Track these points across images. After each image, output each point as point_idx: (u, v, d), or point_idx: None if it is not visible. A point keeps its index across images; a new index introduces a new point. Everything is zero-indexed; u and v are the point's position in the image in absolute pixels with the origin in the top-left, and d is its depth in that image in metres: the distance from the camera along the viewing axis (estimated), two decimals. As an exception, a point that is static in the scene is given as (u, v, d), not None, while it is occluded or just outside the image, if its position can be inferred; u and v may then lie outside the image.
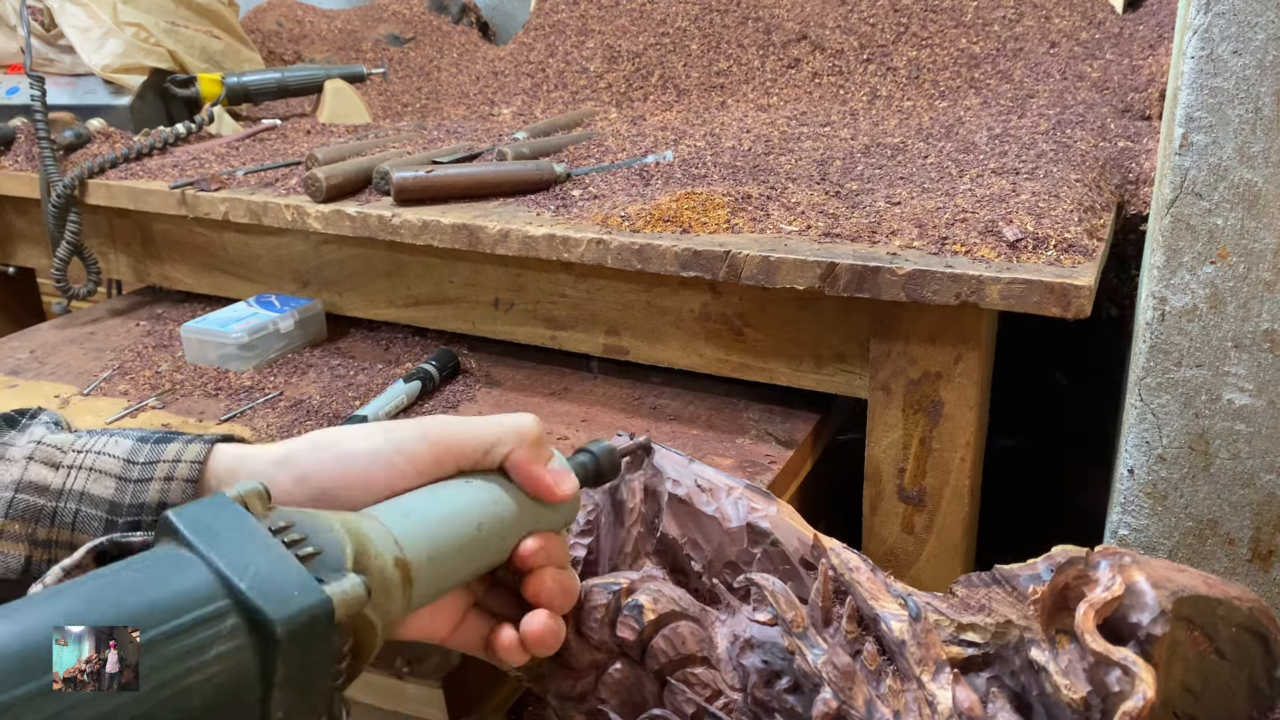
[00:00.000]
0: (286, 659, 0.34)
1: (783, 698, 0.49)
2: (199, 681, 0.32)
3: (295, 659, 0.34)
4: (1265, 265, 0.58)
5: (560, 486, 0.49)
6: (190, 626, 0.33)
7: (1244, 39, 0.54)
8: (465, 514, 0.46)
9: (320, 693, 0.36)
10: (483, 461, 0.48)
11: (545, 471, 0.49)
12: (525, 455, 0.48)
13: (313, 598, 0.35)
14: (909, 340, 0.80)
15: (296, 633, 0.34)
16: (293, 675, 0.35)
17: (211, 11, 1.55)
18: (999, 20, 1.45)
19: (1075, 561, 0.46)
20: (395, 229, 0.96)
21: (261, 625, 0.34)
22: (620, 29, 1.69)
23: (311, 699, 0.36)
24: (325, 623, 0.35)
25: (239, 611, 0.34)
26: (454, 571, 0.45)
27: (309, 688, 0.36)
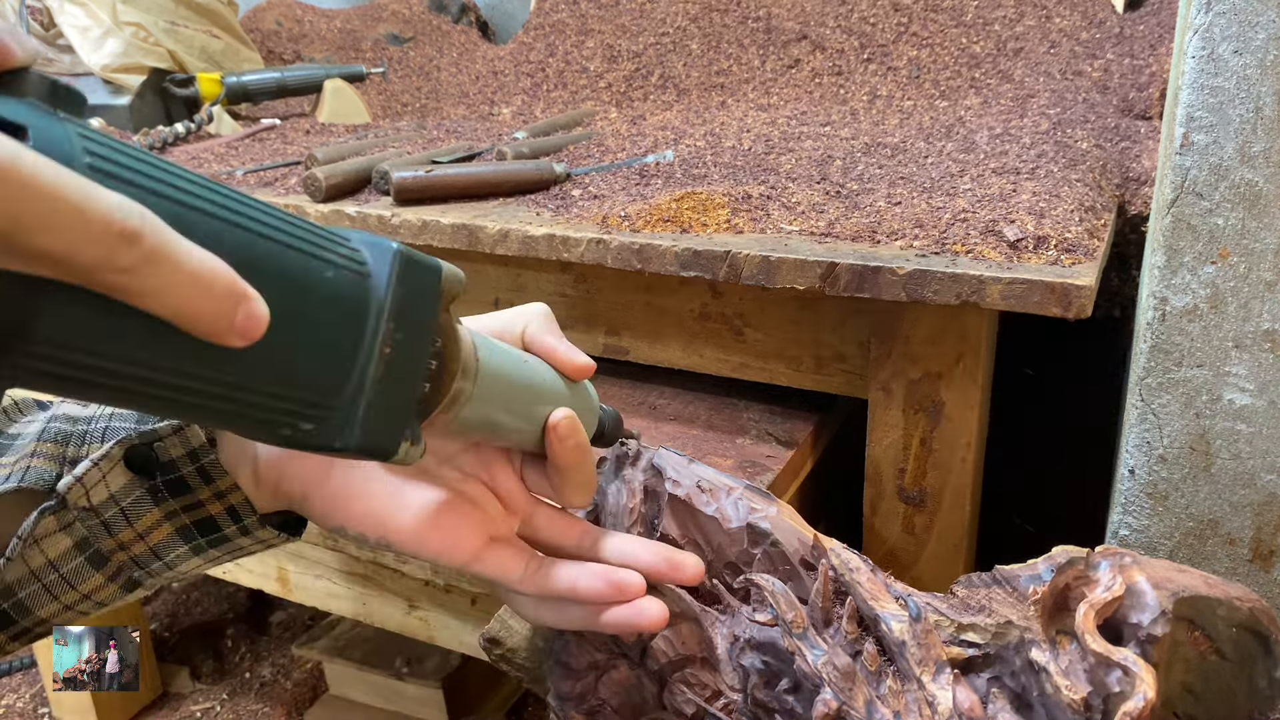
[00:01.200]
0: (401, 281, 0.36)
1: (783, 698, 0.49)
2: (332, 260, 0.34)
3: (407, 289, 0.36)
4: (1266, 265, 0.58)
5: (575, 356, 0.49)
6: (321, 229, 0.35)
7: (1245, 39, 0.54)
8: (508, 348, 0.47)
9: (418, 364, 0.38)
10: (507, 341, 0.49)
11: (561, 342, 0.49)
12: (539, 328, 0.49)
13: (426, 256, 0.38)
14: (909, 340, 0.80)
15: (410, 264, 0.37)
16: (403, 309, 0.36)
17: (211, 11, 1.55)
18: (999, 20, 1.45)
19: (1075, 562, 0.46)
20: (395, 229, 0.96)
21: (382, 248, 0.36)
22: (620, 29, 1.69)
23: (412, 361, 0.37)
24: (433, 275, 0.38)
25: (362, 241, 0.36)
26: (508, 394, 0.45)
27: (413, 342, 0.37)
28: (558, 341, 0.49)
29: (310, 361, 0.34)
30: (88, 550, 0.44)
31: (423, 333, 0.38)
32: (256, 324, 0.29)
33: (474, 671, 1.28)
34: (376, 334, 0.36)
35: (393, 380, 0.36)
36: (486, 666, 1.11)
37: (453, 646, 0.94)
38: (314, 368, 0.34)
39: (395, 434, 0.37)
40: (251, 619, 1.63)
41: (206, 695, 1.46)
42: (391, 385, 0.36)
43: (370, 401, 0.36)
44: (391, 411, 0.37)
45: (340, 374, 0.35)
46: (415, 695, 1.27)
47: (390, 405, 0.37)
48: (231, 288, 0.28)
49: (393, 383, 0.36)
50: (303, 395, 0.34)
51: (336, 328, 0.34)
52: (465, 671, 1.27)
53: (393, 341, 0.36)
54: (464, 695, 1.28)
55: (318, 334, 0.34)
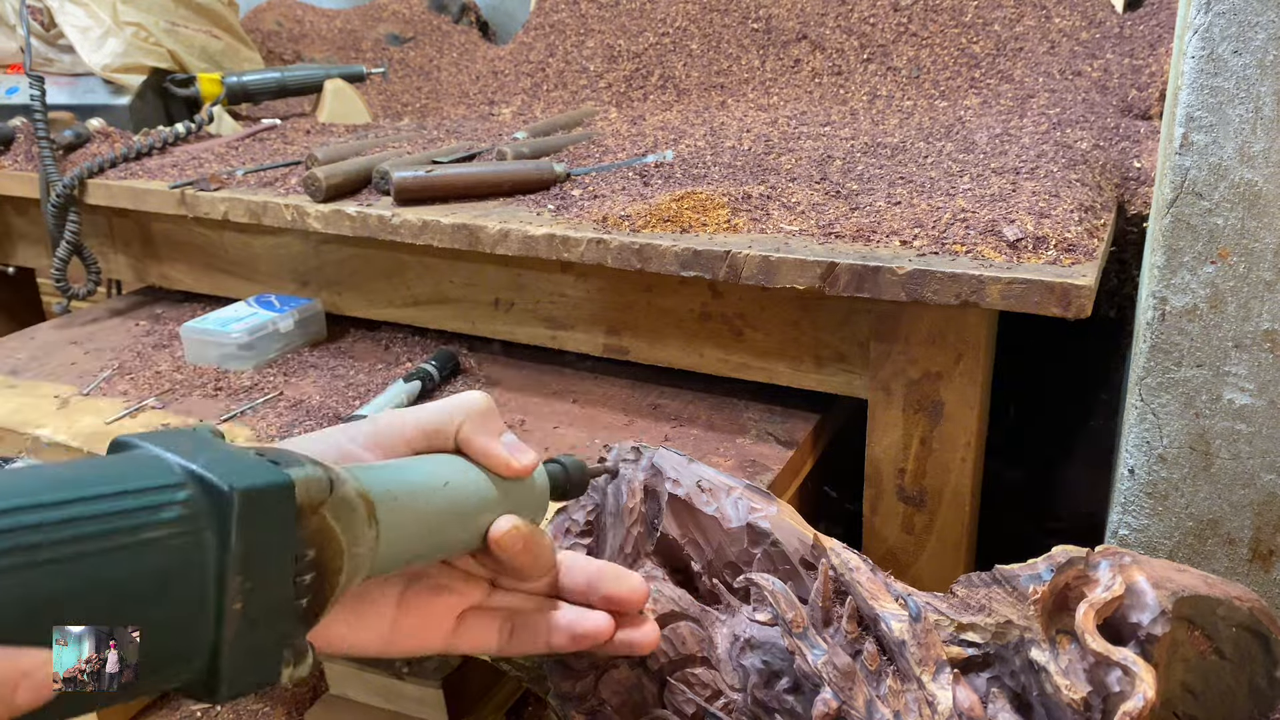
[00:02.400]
0: (243, 530, 0.32)
1: (783, 698, 0.49)
2: (151, 539, 0.31)
3: (252, 535, 0.33)
4: (1266, 265, 0.58)
5: (516, 458, 0.46)
6: (143, 490, 0.32)
7: (1244, 39, 0.54)
8: (428, 470, 0.44)
9: (280, 600, 0.35)
10: (435, 441, 0.46)
11: (498, 443, 0.46)
12: (474, 428, 0.46)
13: (272, 476, 0.34)
14: (909, 340, 0.80)
15: (253, 502, 0.33)
16: (251, 557, 0.33)
17: (211, 11, 1.55)
18: (999, 20, 1.45)
19: (1075, 561, 0.46)
20: (395, 229, 0.96)
21: (217, 494, 0.32)
22: (620, 29, 1.69)
23: (272, 602, 0.34)
24: (285, 501, 0.34)
25: (194, 484, 0.33)
26: (423, 527, 0.42)
27: (269, 585, 0.34)
28: (493, 444, 0.46)
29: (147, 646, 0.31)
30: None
31: (281, 567, 0.34)
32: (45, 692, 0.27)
33: (474, 671, 1.28)
34: (223, 594, 0.32)
35: (254, 626, 0.34)
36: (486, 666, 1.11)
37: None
38: (153, 650, 0.31)
39: (273, 667, 0.35)
40: (251, 619, 1.63)
41: (207, 695, 1.46)
42: (254, 631, 0.34)
43: (232, 656, 0.33)
44: (262, 652, 0.34)
45: (188, 648, 0.32)
46: (415, 695, 1.27)
47: (259, 648, 0.34)
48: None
49: (255, 628, 0.34)
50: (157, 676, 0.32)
51: (171, 609, 0.31)
52: (465, 671, 1.27)
53: (244, 594, 0.33)
54: (464, 695, 1.28)
55: (156, 622, 0.31)
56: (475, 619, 0.48)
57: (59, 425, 0.96)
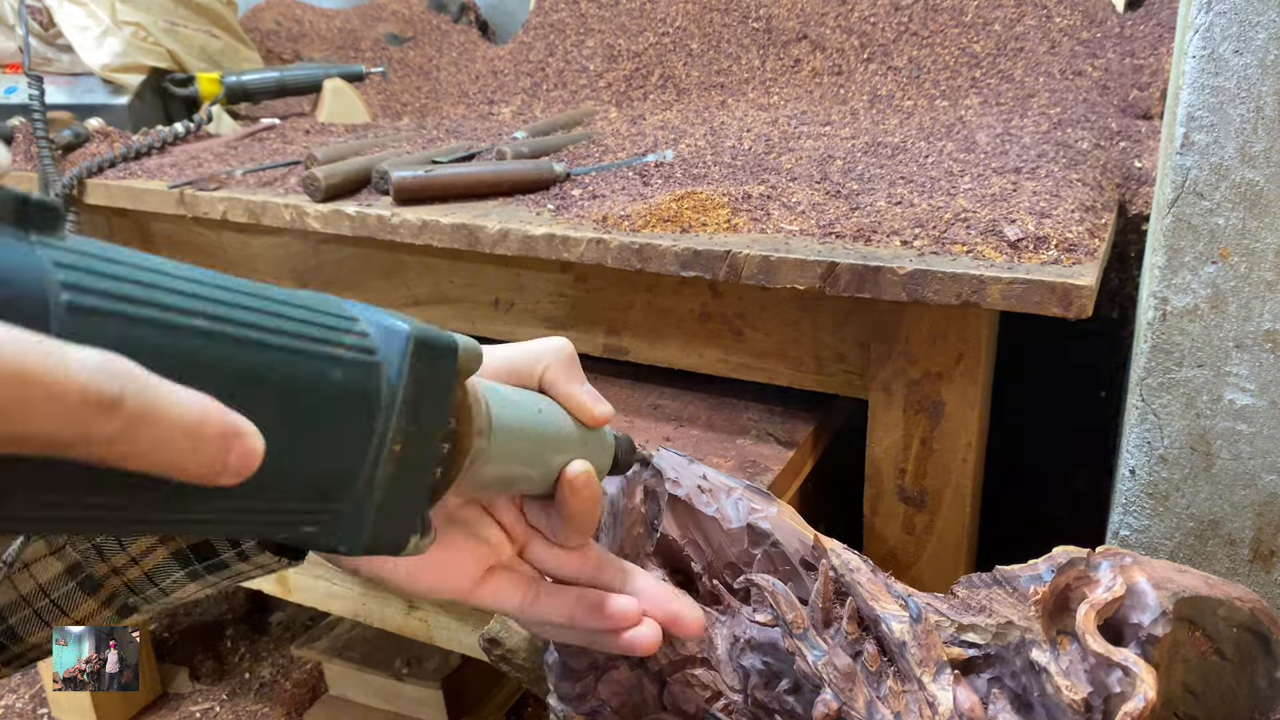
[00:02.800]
0: (415, 371, 0.33)
1: (783, 699, 0.49)
2: (337, 356, 0.31)
3: (421, 378, 0.34)
4: (1267, 265, 0.58)
5: (598, 406, 0.47)
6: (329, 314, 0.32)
7: (1245, 38, 0.54)
8: (524, 397, 0.44)
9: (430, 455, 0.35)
10: (521, 383, 0.46)
11: (581, 389, 0.47)
12: (559, 371, 0.46)
13: (440, 333, 0.35)
14: (910, 340, 0.80)
15: (424, 345, 0.34)
16: (416, 401, 0.33)
17: (210, 10, 1.55)
18: (999, 20, 1.45)
19: (1076, 562, 0.45)
20: (394, 229, 0.96)
21: (394, 332, 0.33)
22: (620, 28, 1.69)
23: (423, 453, 0.35)
24: (449, 353, 0.35)
25: (373, 325, 0.34)
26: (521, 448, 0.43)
27: (425, 434, 0.34)
28: (578, 389, 0.47)
29: (314, 469, 0.31)
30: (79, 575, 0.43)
31: (437, 420, 0.35)
32: (250, 461, 0.27)
33: (474, 671, 1.28)
34: (388, 430, 0.33)
35: (404, 476, 0.34)
36: (486, 666, 1.11)
37: (452, 647, 0.94)
38: (318, 475, 0.31)
39: (404, 531, 0.35)
40: (251, 619, 1.63)
41: (206, 695, 1.46)
42: (402, 482, 0.34)
43: (379, 503, 0.33)
44: (401, 509, 0.35)
45: (347, 478, 0.33)
46: (415, 695, 1.27)
47: (400, 503, 0.34)
48: (222, 429, 0.26)
49: (404, 479, 0.34)
50: (305, 505, 0.32)
51: (344, 431, 0.32)
52: (465, 671, 1.27)
53: (405, 436, 0.33)
54: (464, 695, 1.28)
55: (324, 440, 0.31)
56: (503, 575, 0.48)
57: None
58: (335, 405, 0.31)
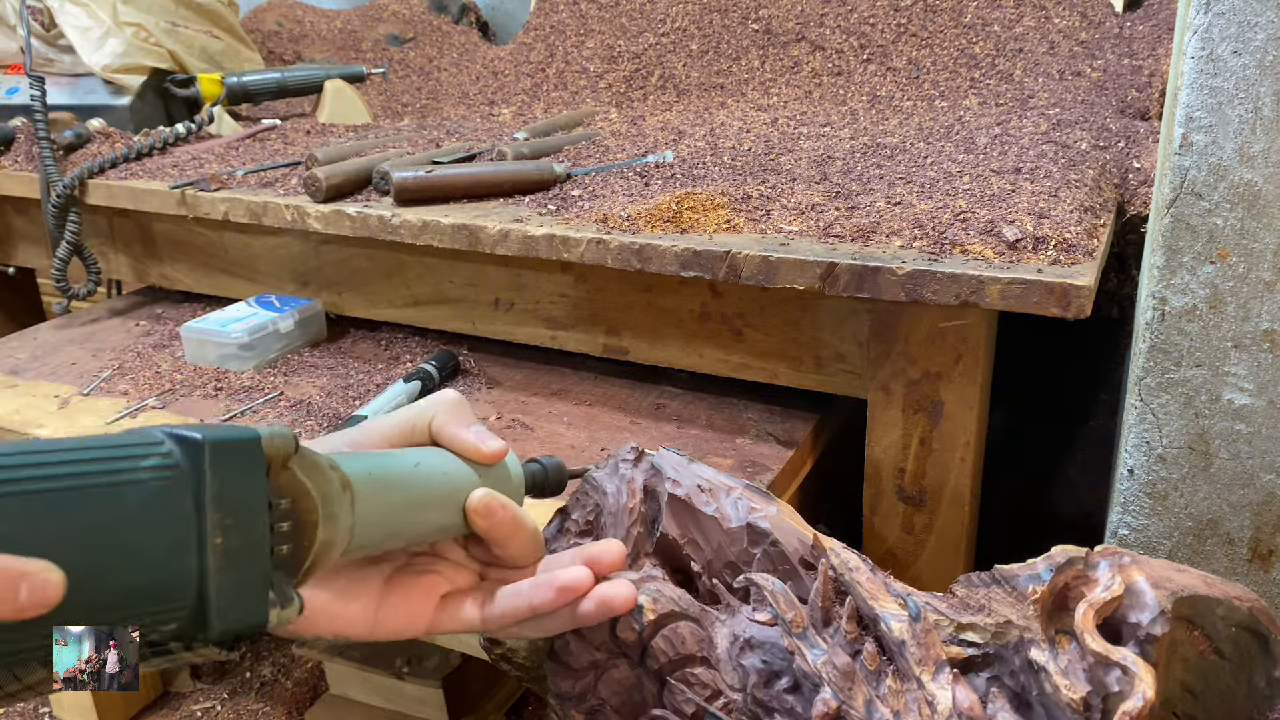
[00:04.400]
0: (216, 472, 0.36)
1: (782, 698, 0.49)
2: (133, 481, 0.34)
3: (225, 476, 0.36)
4: (1265, 265, 0.58)
5: (485, 444, 0.49)
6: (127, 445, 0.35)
7: (1244, 39, 0.54)
8: (400, 455, 0.47)
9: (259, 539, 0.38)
10: (414, 439, 0.49)
11: (467, 430, 0.49)
12: (444, 419, 0.49)
13: (240, 431, 0.38)
14: (909, 340, 0.80)
15: (222, 448, 0.37)
16: (224, 495, 0.36)
17: (211, 11, 1.55)
18: (999, 21, 1.45)
19: (1075, 561, 0.46)
20: (395, 229, 0.96)
21: (191, 444, 0.36)
22: (620, 29, 1.69)
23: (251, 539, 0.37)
24: (252, 449, 0.38)
25: (172, 441, 0.37)
26: (399, 505, 0.45)
27: (245, 522, 0.37)
28: (464, 432, 0.49)
29: (141, 578, 0.34)
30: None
31: (256, 507, 0.38)
32: (47, 594, 0.30)
33: (474, 671, 1.28)
34: (203, 528, 0.36)
35: (237, 562, 0.37)
36: (486, 666, 1.11)
37: (453, 646, 0.94)
38: (147, 583, 0.34)
39: (258, 608, 0.38)
40: (252, 619, 1.63)
41: (207, 695, 1.46)
42: (238, 566, 0.37)
43: (218, 590, 0.36)
44: (247, 589, 0.37)
45: (176, 578, 0.35)
46: (415, 695, 1.27)
47: (243, 584, 0.37)
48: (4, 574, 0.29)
49: (238, 564, 0.37)
50: (148, 610, 0.35)
51: (155, 539, 0.35)
52: (465, 671, 1.27)
53: (223, 529, 0.36)
54: (464, 695, 1.28)
55: (144, 553, 0.34)
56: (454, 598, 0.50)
57: (59, 425, 0.96)
58: (141, 522, 0.34)
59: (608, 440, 0.90)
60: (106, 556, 0.33)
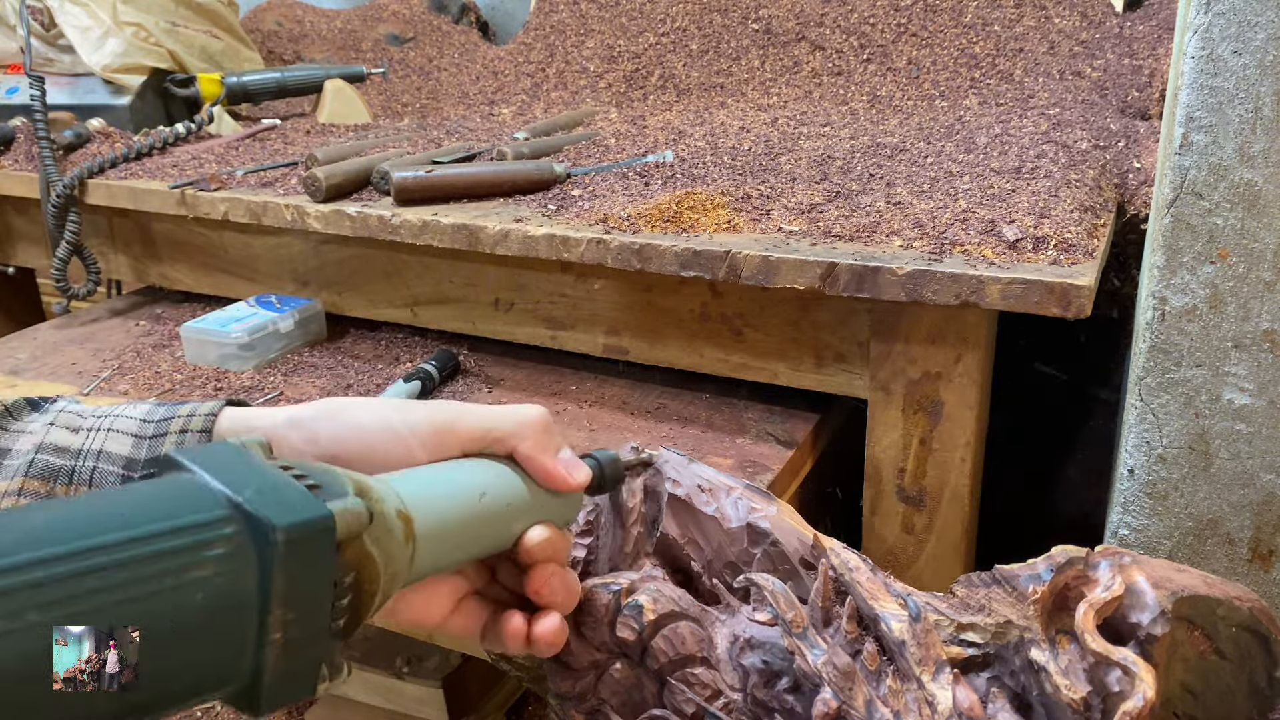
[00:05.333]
0: (285, 567, 0.33)
1: (783, 698, 0.49)
2: (198, 578, 0.32)
3: (294, 571, 0.34)
4: (1265, 265, 0.58)
5: (573, 475, 0.48)
6: (188, 528, 0.32)
7: (1244, 39, 0.54)
8: (467, 481, 0.45)
9: (318, 626, 0.35)
10: (490, 449, 0.48)
11: (556, 461, 0.48)
12: (534, 446, 0.48)
13: (314, 510, 0.35)
14: (909, 340, 0.80)
15: (296, 540, 0.33)
16: (292, 592, 0.34)
17: (211, 11, 1.55)
18: (999, 20, 1.45)
19: (1075, 561, 0.46)
20: (395, 229, 0.96)
21: (261, 531, 0.33)
22: (620, 29, 1.69)
23: (310, 629, 0.35)
24: (326, 536, 0.35)
25: (238, 519, 0.33)
26: (458, 539, 0.44)
27: (309, 614, 0.35)
28: (551, 464, 0.48)
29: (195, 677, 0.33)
30: None
31: (320, 597, 0.35)
32: None
33: (474, 671, 1.28)
34: (265, 626, 0.33)
35: (293, 653, 0.35)
36: (486, 666, 1.11)
37: (453, 646, 0.94)
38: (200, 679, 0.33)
39: (309, 683, 0.36)
40: (252, 619, 1.63)
41: (207, 695, 1.46)
42: (293, 656, 0.35)
43: (272, 680, 0.34)
44: (298, 672, 0.36)
45: (228, 675, 0.34)
46: (415, 695, 1.27)
47: (295, 669, 0.35)
48: None
49: (294, 654, 0.35)
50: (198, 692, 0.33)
51: (216, 643, 0.33)
52: (465, 671, 1.27)
53: (284, 625, 0.34)
54: (464, 695, 1.28)
55: (198, 654, 0.32)
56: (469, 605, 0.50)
57: (59, 425, 0.96)
58: (204, 623, 0.32)
59: (608, 440, 0.90)
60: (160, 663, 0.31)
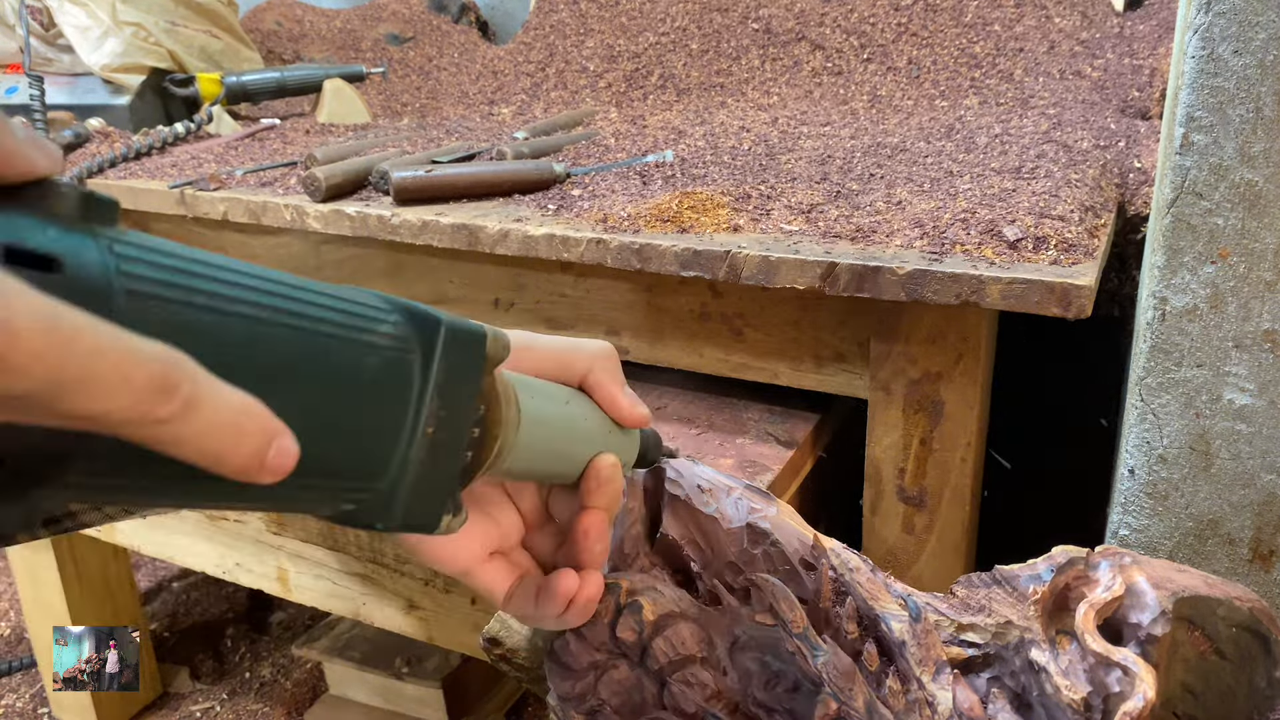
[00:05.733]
0: (446, 358, 0.35)
1: (783, 698, 0.49)
2: (373, 343, 0.33)
3: (451, 365, 0.35)
4: (1266, 265, 0.58)
5: (637, 409, 0.48)
6: (363, 304, 0.34)
7: (1244, 39, 0.54)
8: (552, 388, 0.46)
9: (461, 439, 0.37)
10: (561, 374, 0.47)
11: (622, 391, 0.48)
12: (604, 372, 0.48)
13: (469, 324, 0.37)
14: (909, 340, 0.80)
15: (455, 339, 0.35)
16: (447, 386, 0.35)
17: (210, 11, 1.55)
18: (999, 20, 1.45)
19: (1075, 562, 0.46)
20: (395, 229, 0.96)
21: (427, 325, 0.35)
22: (620, 28, 1.69)
23: (456, 435, 0.36)
24: (479, 346, 0.37)
25: (405, 314, 0.35)
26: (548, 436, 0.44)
27: (456, 417, 0.36)
28: (619, 391, 0.48)
29: (352, 452, 0.33)
30: None
31: (468, 405, 0.37)
32: (286, 462, 0.28)
33: (474, 671, 1.28)
34: (420, 414, 0.35)
35: (436, 458, 0.36)
36: (486, 666, 1.11)
37: (452, 646, 0.94)
38: (355, 457, 0.33)
39: (437, 510, 0.37)
40: (251, 619, 1.63)
41: (206, 695, 1.46)
42: (435, 462, 0.36)
43: (413, 483, 0.35)
44: (434, 489, 0.36)
45: (383, 459, 0.34)
46: (415, 695, 1.27)
47: (433, 483, 0.36)
48: (264, 427, 0.28)
49: (436, 460, 0.36)
50: (343, 484, 0.34)
51: (379, 414, 0.33)
52: (465, 671, 1.27)
53: (437, 420, 0.35)
54: (464, 695, 1.28)
55: (360, 424, 0.33)
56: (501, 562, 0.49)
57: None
58: (372, 391, 0.33)
59: (608, 440, 0.90)
60: (334, 418, 0.32)
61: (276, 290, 0.30)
